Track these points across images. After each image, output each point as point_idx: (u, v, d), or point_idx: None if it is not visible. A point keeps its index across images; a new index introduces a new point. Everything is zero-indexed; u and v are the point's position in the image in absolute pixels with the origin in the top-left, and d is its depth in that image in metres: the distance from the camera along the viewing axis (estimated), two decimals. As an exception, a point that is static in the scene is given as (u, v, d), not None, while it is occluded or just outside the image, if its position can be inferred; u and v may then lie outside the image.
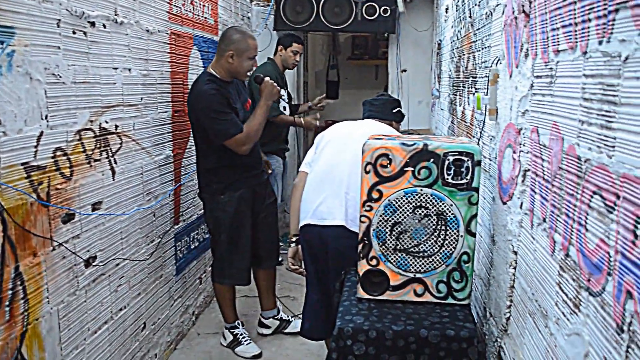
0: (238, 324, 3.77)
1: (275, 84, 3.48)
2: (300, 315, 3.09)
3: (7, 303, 1.94)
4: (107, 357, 2.68)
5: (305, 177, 2.89)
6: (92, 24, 2.48)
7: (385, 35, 6.13)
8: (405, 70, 6.01)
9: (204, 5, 4.07)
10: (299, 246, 2.92)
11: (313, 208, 2.74)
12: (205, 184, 3.51)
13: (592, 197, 1.23)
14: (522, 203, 1.85)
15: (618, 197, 1.10)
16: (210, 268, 4.33)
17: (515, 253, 1.93)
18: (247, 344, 3.68)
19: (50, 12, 2.18)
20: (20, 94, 1.99)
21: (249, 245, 3.60)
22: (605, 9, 1.17)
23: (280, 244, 5.59)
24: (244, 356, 3.63)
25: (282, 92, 5.07)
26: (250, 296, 4.39)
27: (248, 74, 3.52)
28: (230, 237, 3.52)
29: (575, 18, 1.36)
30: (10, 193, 1.95)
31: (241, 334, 3.72)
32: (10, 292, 1.96)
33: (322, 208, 2.71)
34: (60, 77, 2.24)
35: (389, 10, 5.59)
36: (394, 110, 3.07)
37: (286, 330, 3.96)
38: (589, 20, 1.27)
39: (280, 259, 5.26)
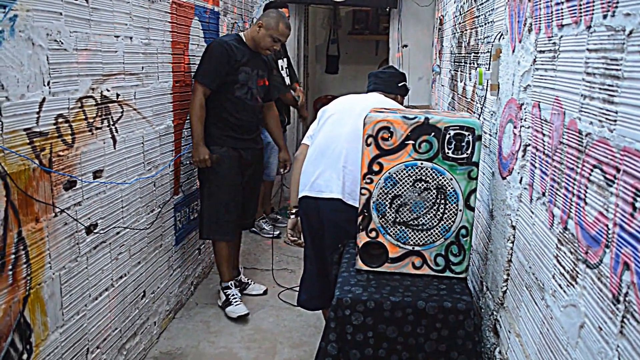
0: (231, 284, 3.88)
1: (205, 161, 3.62)
2: (297, 288, 3.13)
3: (10, 267, 1.96)
4: (107, 324, 2.71)
5: (306, 150, 2.91)
6: (94, -9, 2.46)
7: (387, 9, 6.09)
8: (406, 46, 5.99)
9: (205, -25, 4.04)
10: (298, 218, 2.94)
11: (311, 180, 2.76)
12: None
13: (592, 170, 1.25)
14: (521, 178, 1.87)
15: (618, 170, 1.11)
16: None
17: (514, 227, 1.95)
18: (236, 305, 3.79)
19: (53, -22, 2.16)
20: (23, 60, 1.99)
21: (232, 203, 3.76)
22: (611, -17, 1.18)
23: (279, 217, 5.64)
24: (230, 316, 3.76)
25: (281, 61, 5.07)
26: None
27: (267, 51, 3.75)
28: (210, 191, 3.72)
29: (581, -8, 1.36)
30: (13, 158, 1.96)
31: (232, 295, 3.85)
32: (13, 256, 1.98)
33: (320, 181, 2.73)
34: (62, 43, 2.23)
35: (391, -15, 5.55)
36: (400, 84, 3.06)
37: (246, 292, 4.12)
38: (595, -6, 1.27)
39: (278, 232, 5.31)
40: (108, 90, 2.61)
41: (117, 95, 2.71)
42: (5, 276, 1.94)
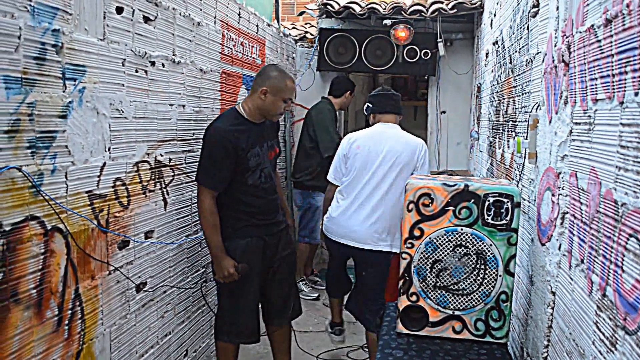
0: None
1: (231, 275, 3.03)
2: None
3: (66, 322, 2.07)
4: (151, 381, 2.78)
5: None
6: (153, 64, 2.65)
7: (425, 77, 6.25)
8: (444, 112, 6.11)
9: (252, 46, 4.26)
10: None
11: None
12: None
13: (628, 239, 1.30)
14: (560, 245, 1.91)
15: (653, 239, 1.16)
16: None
17: (554, 293, 1.97)
18: None
19: (117, 52, 2.35)
20: (88, 127, 2.16)
21: (255, 300, 3.22)
22: (641, 63, 1.26)
23: (318, 279, 5.67)
24: None
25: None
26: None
27: (279, 116, 3.24)
28: (232, 289, 3.11)
29: (612, 70, 1.45)
30: (75, 219, 2.09)
31: None
32: (69, 312, 2.09)
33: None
34: (122, 112, 2.40)
35: (430, 54, 5.72)
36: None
37: None
38: (626, 72, 1.35)
39: (317, 295, 5.34)
40: (162, 155, 2.77)
41: (170, 159, 2.87)
42: (61, 331, 2.05)
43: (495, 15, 4.06)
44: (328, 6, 5.56)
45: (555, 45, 2.08)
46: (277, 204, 3.34)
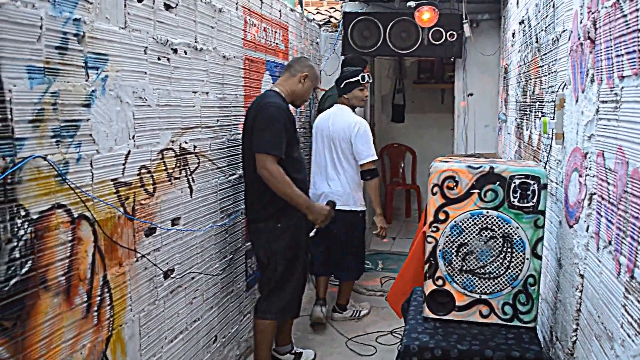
0: None
1: (329, 213, 3.48)
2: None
3: (95, 308, 2.10)
4: (180, 366, 2.82)
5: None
6: (175, 51, 2.66)
7: (452, 59, 6.16)
8: (471, 94, 6.03)
9: (275, 32, 4.25)
10: None
11: None
12: (258, 211, 3.35)
13: (656, 219, 1.27)
14: (588, 226, 1.87)
15: (681, 219, 1.13)
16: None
17: (582, 276, 1.94)
18: None
19: (139, 40, 2.36)
20: (112, 116, 2.17)
21: (305, 276, 3.53)
22: (669, 37, 1.22)
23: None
24: None
25: None
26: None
27: (303, 103, 3.65)
28: (286, 268, 3.36)
29: (639, 45, 1.40)
30: (101, 207, 2.12)
31: None
32: (98, 298, 2.12)
33: None
34: (146, 100, 2.41)
35: (455, 35, 5.63)
36: (341, 86, 4.34)
37: None
38: (654, 48, 1.31)
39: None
40: (186, 143, 2.79)
41: (194, 147, 2.88)
42: (90, 317, 2.08)
43: (521, -7, 3.98)
44: (352, -10, 5.51)
45: (581, 22, 2.02)
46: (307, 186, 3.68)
